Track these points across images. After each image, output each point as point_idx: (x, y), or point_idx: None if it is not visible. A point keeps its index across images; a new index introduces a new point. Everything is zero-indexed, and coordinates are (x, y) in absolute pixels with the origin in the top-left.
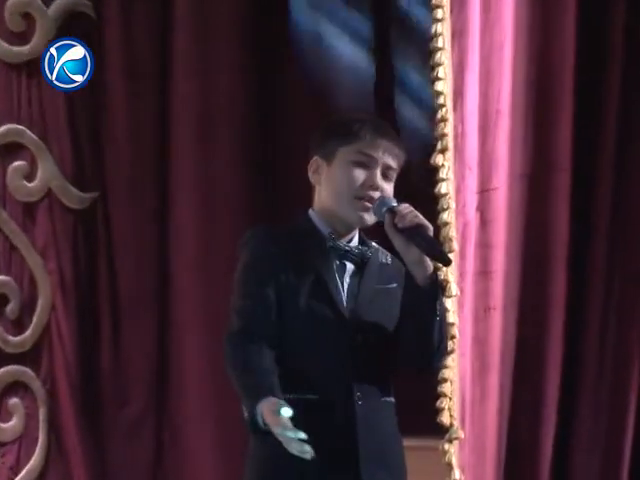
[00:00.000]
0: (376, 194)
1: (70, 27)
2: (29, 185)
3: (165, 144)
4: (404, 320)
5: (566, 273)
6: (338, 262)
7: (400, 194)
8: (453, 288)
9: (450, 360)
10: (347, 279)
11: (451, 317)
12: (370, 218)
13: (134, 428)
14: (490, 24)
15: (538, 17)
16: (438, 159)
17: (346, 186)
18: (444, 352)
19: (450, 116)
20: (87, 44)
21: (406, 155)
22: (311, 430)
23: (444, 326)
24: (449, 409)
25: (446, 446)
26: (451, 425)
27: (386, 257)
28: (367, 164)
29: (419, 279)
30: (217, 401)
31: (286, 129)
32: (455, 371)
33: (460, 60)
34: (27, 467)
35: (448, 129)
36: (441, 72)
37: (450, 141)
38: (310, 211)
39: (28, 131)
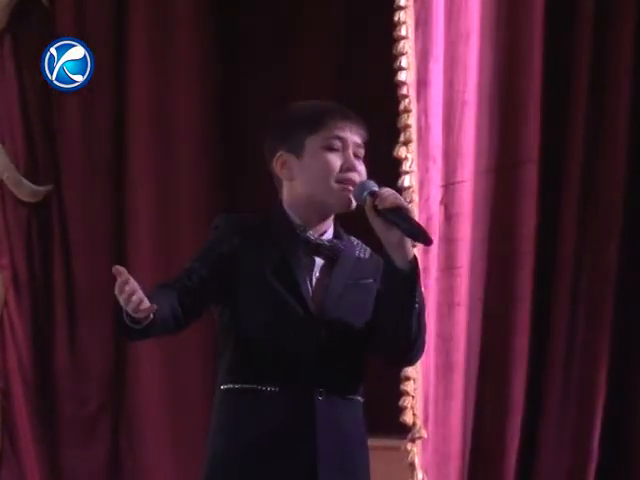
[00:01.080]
0: (355, 175)
1: (23, 15)
2: None
3: (121, 138)
4: (382, 309)
5: (533, 269)
6: (308, 255)
7: None
8: None
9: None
10: (317, 273)
11: None
12: (352, 203)
13: (90, 428)
14: (455, 13)
15: (505, 7)
16: (401, 151)
17: (324, 173)
18: (424, 343)
19: (413, 107)
20: (40, 34)
21: (367, 132)
22: (270, 423)
23: (423, 315)
24: (412, 408)
25: (409, 446)
26: (414, 424)
27: (364, 252)
28: (339, 147)
29: (399, 262)
30: (175, 401)
31: (246, 127)
32: (418, 369)
33: (424, 49)
34: None
35: (411, 120)
36: (404, 62)
37: (414, 133)
38: (282, 203)
39: None
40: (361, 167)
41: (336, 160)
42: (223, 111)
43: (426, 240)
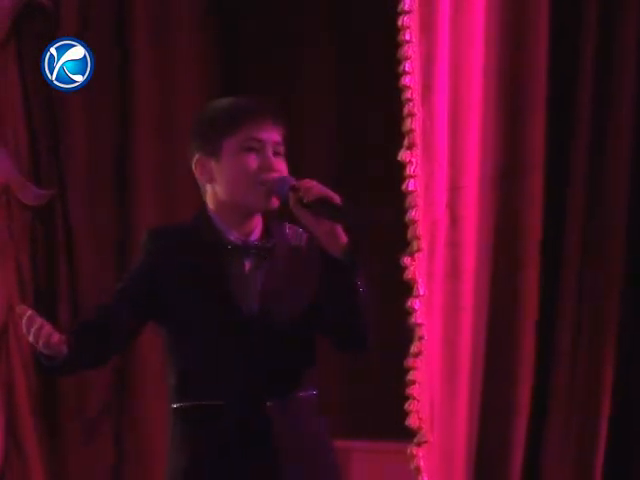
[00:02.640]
0: (274, 175)
1: (27, 19)
2: None
3: (125, 140)
4: (325, 298)
5: (538, 273)
6: (237, 259)
7: None
8: (419, 287)
9: (418, 362)
10: (247, 275)
11: (419, 317)
12: (275, 201)
13: (94, 430)
14: (460, 17)
15: (510, 11)
16: (405, 155)
17: (243, 175)
18: (369, 330)
19: (418, 111)
20: (43, 37)
21: (286, 123)
22: (223, 438)
23: (365, 300)
24: (417, 412)
25: (414, 450)
26: (419, 428)
27: (300, 239)
28: (257, 148)
29: (335, 251)
30: None
31: None
32: (424, 373)
33: (429, 54)
34: None
35: (415, 124)
36: (408, 66)
37: (418, 137)
38: (205, 207)
39: None
40: (281, 165)
41: (253, 161)
42: None
43: (357, 221)
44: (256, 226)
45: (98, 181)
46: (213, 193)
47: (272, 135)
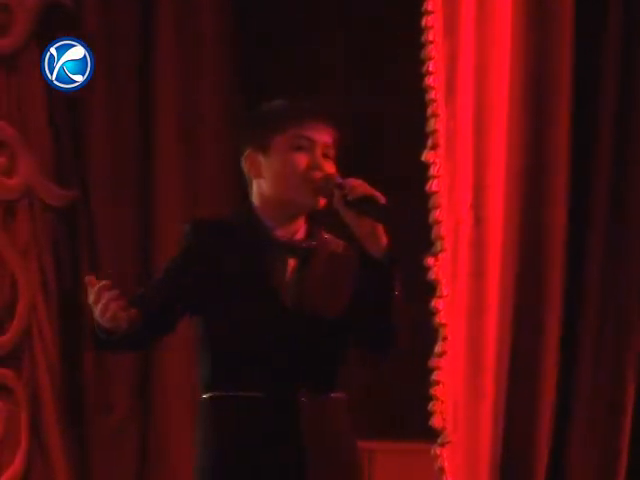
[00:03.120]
0: (321, 175)
1: (50, 20)
2: (9, 182)
3: (148, 141)
4: (360, 301)
5: (562, 273)
6: (280, 256)
7: None
8: (443, 288)
9: (443, 362)
10: (290, 273)
11: (443, 318)
12: (322, 200)
13: (118, 433)
14: (485, 17)
15: (536, 12)
16: (429, 156)
17: (292, 172)
18: (403, 334)
19: (441, 111)
20: (67, 38)
21: (338, 131)
22: (255, 429)
23: (400, 304)
24: (441, 412)
25: (438, 450)
26: (443, 429)
27: (338, 247)
28: (307, 147)
29: (374, 251)
30: None
31: None
32: (448, 373)
33: (452, 54)
34: (8, 472)
35: (439, 125)
36: (432, 66)
37: (441, 137)
38: (253, 204)
39: (8, 126)
40: (330, 167)
41: (303, 160)
42: (249, 109)
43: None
44: (300, 226)
45: (120, 181)
46: (260, 189)
47: (323, 136)
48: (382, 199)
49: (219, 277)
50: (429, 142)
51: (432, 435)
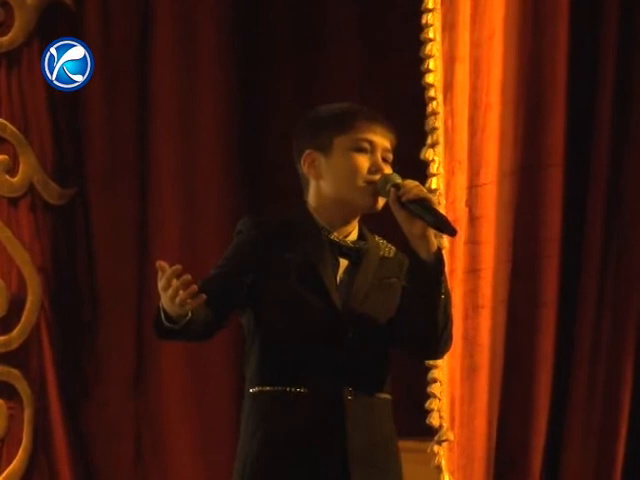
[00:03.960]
0: None
1: (50, 18)
2: (12, 180)
3: (145, 139)
4: (409, 303)
5: (557, 270)
6: (333, 257)
7: None
8: None
9: (440, 360)
10: (341, 274)
11: None
12: (381, 201)
13: (115, 428)
14: (480, 15)
15: (530, 9)
16: (428, 154)
17: (354, 173)
18: (451, 336)
19: (440, 110)
20: (66, 36)
21: (397, 137)
22: (301, 425)
23: (450, 307)
24: (438, 410)
25: (435, 448)
26: (440, 427)
27: (389, 251)
28: (368, 150)
29: (423, 254)
30: (198, 400)
31: (271, 127)
32: (445, 371)
33: (450, 52)
34: (8, 469)
35: (439, 123)
36: (432, 64)
37: (441, 135)
38: (307, 203)
39: (9, 124)
40: (388, 171)
41: (364, 161)
42: (248, 111)
43: (451, 231)
44: (354, 228)
45: (118, 179)
46: (318, 190)
47: (383, 140)
48: (435, 204)
49: (272, 275)
50: (428, 140)
51: (427, 433)
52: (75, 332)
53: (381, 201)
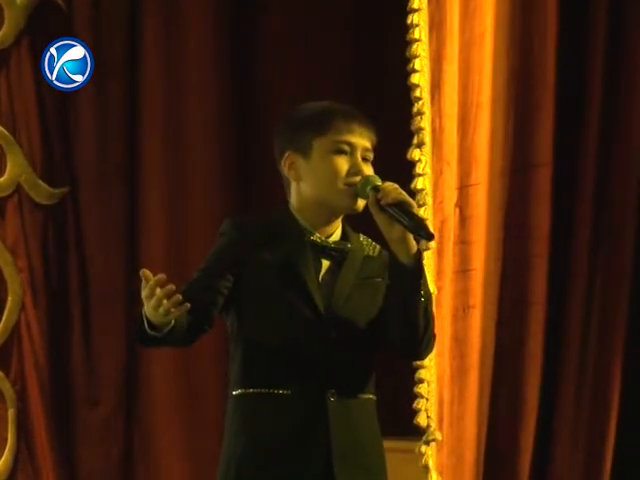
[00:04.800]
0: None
1: (39, 17)
2: None
3: (134, 139)
4: (389, 305)
5: (547, 271)
6: (315, 257)
7: None
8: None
9: (427, 360)
10: (324, 274)
11: None
12: (361, 202)
13: (104, 429)
14: (470, 14)
15: (519, 9)
16: (415, 154)
17: (333, 176)
18: (432, 337)
19: (427, 110)
20: (56, 35)
21: (377, 135)
22: (284, 426)
23: (430, 309)
24: (426, 410)
25: (423, 448)
26: (428, 427)
27: (373, 249)
28: (347, 151)
29: (402, 258)
30: (187, 402)
31: (260, 127)
32: (432, 371)
33: (438, 52)
34: None
35: (425, 123)
36: (417, 64)
37: (427, 135)
38: (289, 204)
39: None
40: (368, 171)
41: (344, 163)
42: (237, 111)
43: (428, 235)
44: (336, 228)
45: (108, 179)
46: (299, 191)
47: (363, 140)
48: (415, 207)
49: (254, 276)
50: (414, 140)
51: (415, 433)
52: (64, 333)
53: (361, 202)
